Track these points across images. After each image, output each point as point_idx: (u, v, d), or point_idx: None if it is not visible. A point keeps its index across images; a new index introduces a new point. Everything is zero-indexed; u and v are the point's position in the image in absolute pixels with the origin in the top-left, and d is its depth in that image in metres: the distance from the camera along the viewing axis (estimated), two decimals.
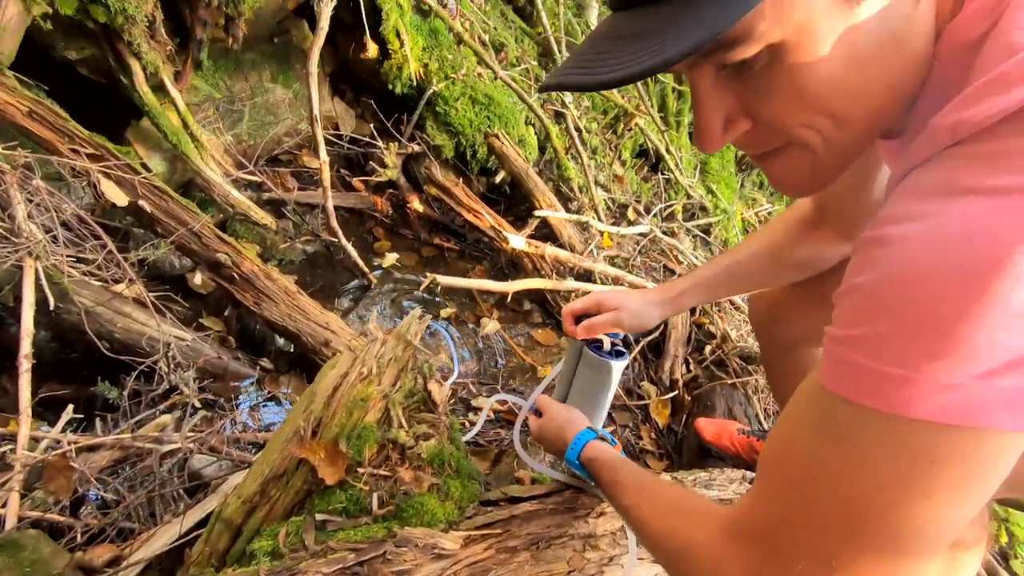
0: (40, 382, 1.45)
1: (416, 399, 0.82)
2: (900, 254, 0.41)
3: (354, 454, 0.71)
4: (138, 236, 1.71)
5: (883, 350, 0.40)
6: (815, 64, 0.43)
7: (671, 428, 1.89)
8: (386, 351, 0.85)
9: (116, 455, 1.16)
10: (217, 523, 0.77)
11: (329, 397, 0.79)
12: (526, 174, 2.31)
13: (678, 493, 0.71)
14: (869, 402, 0.41)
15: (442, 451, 0.78)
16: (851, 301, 0.44)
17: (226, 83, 2.05)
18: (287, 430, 0.79)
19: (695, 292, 1.00)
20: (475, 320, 2.07)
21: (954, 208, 0.39)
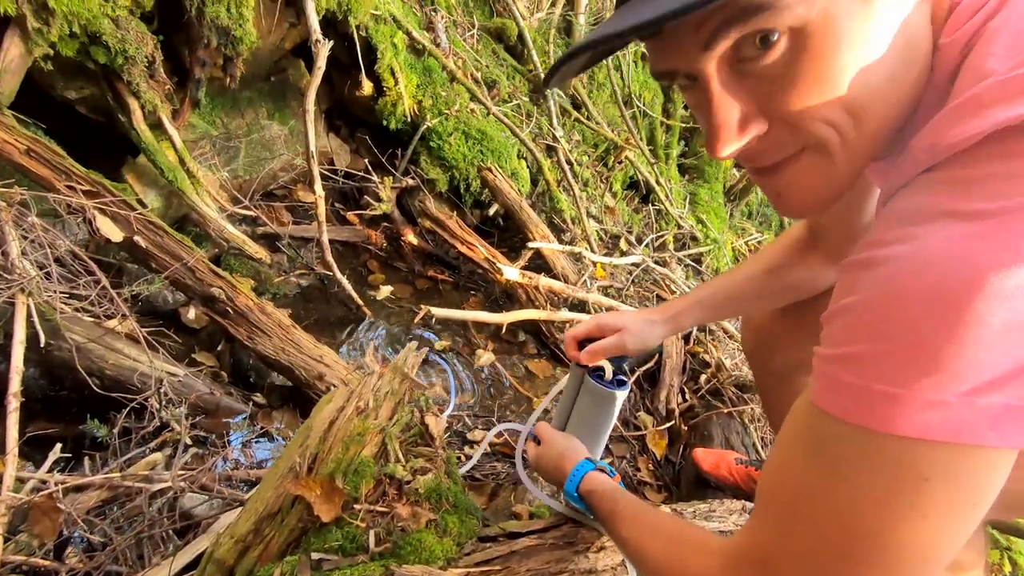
0: (28, 420, 1.42)
1: (413, 433, 0.81)
2: (885, 275, 0.42)
3: (350, 490, 0.70)
4: (132, 271, 1.71)
5: (870, 368, 0.41)
6: (837, 53, 0.43)
7: (668, 459, 1.87)
8: (383, 384, 0.85)
9: (104, 495, 1.13)
10: (209, 564, 0.75)
11: (325, 432, 0.78)
12: (519, 206, 2.34)
13: (677, 524, 0.71)
14: (858, 420, 0.42)
15: (439, 486, 0.77)
16: (839, 321, 0.45)
17: (223, 120, 2.08)
18: (282, 466, 0.78)
19: (694, 311, 1.01)
20: (470, 351, 2.07)
21: (934, 231, 0.40)
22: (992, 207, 0.38)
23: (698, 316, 1.01)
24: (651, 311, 1.01)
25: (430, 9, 2.55)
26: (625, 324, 0.97)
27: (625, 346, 0.96)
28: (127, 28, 1.54)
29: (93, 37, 1.51)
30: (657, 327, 0.99)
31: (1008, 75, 0.39)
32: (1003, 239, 0.37)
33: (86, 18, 1.46)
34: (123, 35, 1.54)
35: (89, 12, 1.46)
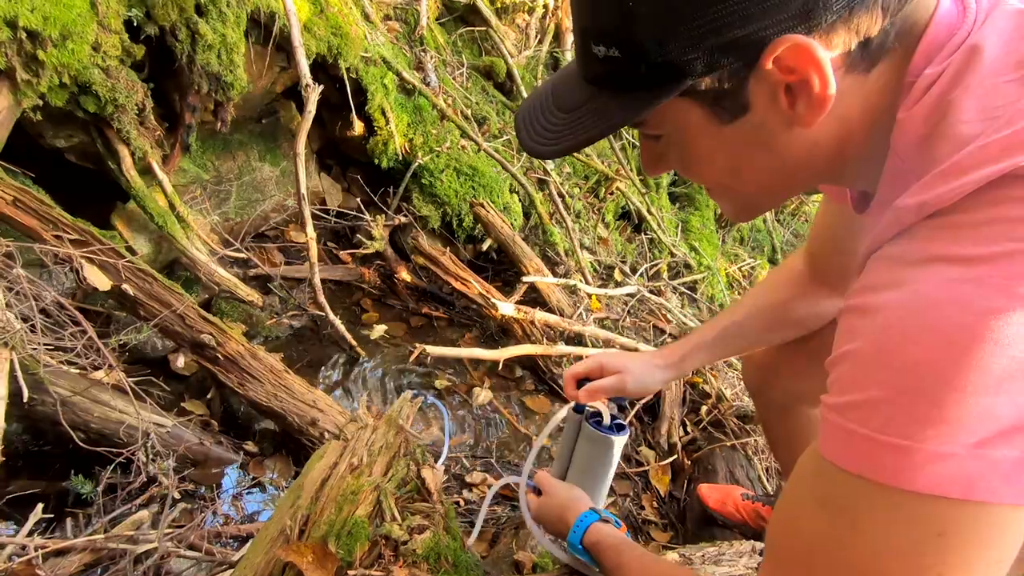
0: (10, 478, 1.37)
1: (409, 488, 0.78)
2: (882, 321, 0.42)
3: (344, 554, 0.67)
4: (120, 319, 1.68)
5: (874, 418, 0.41)
6: (692, 153, 0.54)
7: (672, 495, 1.82)
8: (376, 438, 0.81)
9: (87, 559, 1.08)
10: None
11: (317, 491, 0.74)
12: (512, 241, 2.33)
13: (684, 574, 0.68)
14: (868, 473, 0.41)
15: (438, 544, 0.74)
16: (841, 369, 0.45)
17: (214, 163, 2.08)
18: (272, 529, 0.74)
19: (697, 354, 0.99)
20: (467, 390, 2.03)
21: (927, 275, 0.41)
22: (984, 252, 0.38)
23: (702, 359, 1.00)
24: (654, 354, 0.99)
25: (420, 50, 2.59)
26: (626, 366, 0.95)
27: (625, 387, 0.94)
28: (117, 77, 1.55)
29: (83, 87, 1.51)
30: (659, 371, 0.97)
31: (987, 140, 0.40)
32: (997, 284, 0.37)
33: (76, 69, 1.46)
34: (113, 84, 1.54)
35: (79, 63, 1.47)
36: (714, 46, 0.44)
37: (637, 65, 0.47)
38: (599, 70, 0.50)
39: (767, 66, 0.44)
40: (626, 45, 0.46)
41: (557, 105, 0.54)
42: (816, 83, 0.44)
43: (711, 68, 0.45)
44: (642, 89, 0.48)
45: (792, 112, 0.47)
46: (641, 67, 0.47)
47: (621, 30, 0.46)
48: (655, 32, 0.45)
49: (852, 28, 0.43)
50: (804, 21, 0.42)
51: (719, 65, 0.45)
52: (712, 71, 0.45)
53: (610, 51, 0.47)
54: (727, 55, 0.44)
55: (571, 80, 0.54)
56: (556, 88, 0.56)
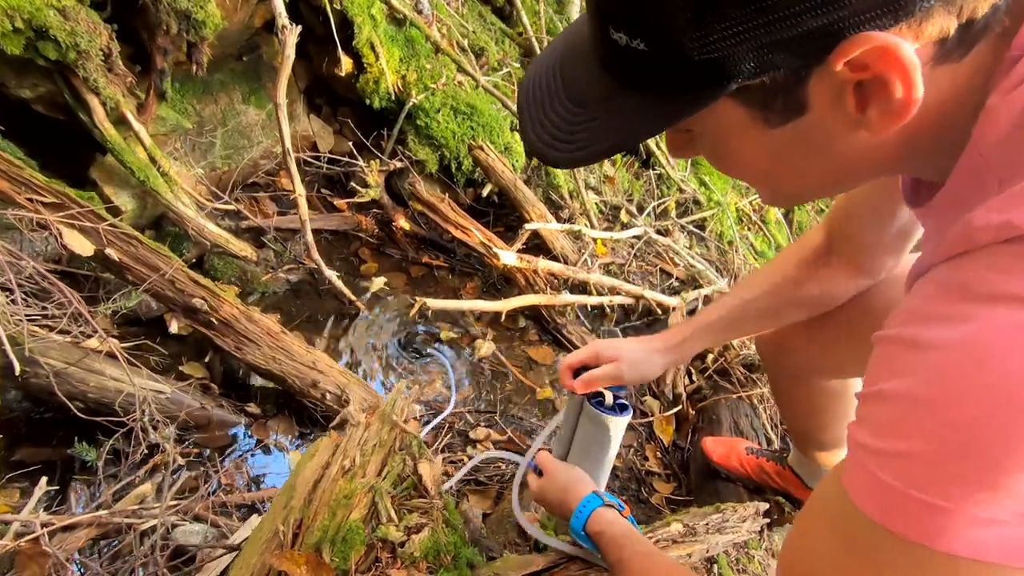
0: (13, 444, 1.38)
1: (406, 485, 0.75)
2: (935, 365, 0.37)
3: (339, 562, 0.65)
4: (109, 281, 1.63)
5: (915, 473, 0.36)
6: (729, 154, 0.48)
7: (676, 445, 1.83)
8: (369, 436, 0.78)
9: (94, 532, 1.09)
10: None
11: (310, 492, 0.72)
12: (514, 186, 2.23)
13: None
14: (899, 529, 0.37)
15: (437, 541, 0.72)
16: (880, 409, 0.40)
17: (195, 108, 1.95)
18: (266, 529, 0.72)
19: (699, 337, 0.95)
20: (469, 341, 2.01)
21: (995, 316, 0.34)
22: None
23: (705, 341, 0.95)
24: (653, 339, 0.94)
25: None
26: (622, 354, 0.90)
27: (621, 376, 0.90)
28: (76, 19, 1.41)
29: (39, 31, 1.38)
30: (657, 357, 0.92)
31: None
32: None
33: (28, 11, 1.33)
34: (72, 27, 1.40)
35: (31, 4, 1.33)
36: (772, 43, 0.35)
37: (669, 62, 0.37)
38: (618, 59, 0.40)
39: (836, 67, 0.35)
40: (657, 37, 0.37)
41: (568, 93, 0.45)
42: (898, 89, 0.35)
43: (764, 68, 0.36)
44: (673, 88, 0.39)
45: (860, 116, 0.38)
46: (674, 65, 0.37)
47: (651, 18, 0.36)
48: (698, 24, 0.35)
49: (954, 10, 0.34)
50: (892, 9, 0.33)
51: (775, 65, 0.36)
52: (765, 71, 0.36)
53: (634, 41, 0.38)
54: (787, 53, 0.35)
55: (583, 59, 0.44)
56: (566, 66, 0.46)
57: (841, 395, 1.13)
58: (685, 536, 1.03)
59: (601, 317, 2.25)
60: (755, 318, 0.94)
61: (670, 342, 0.94)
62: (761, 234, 3.44)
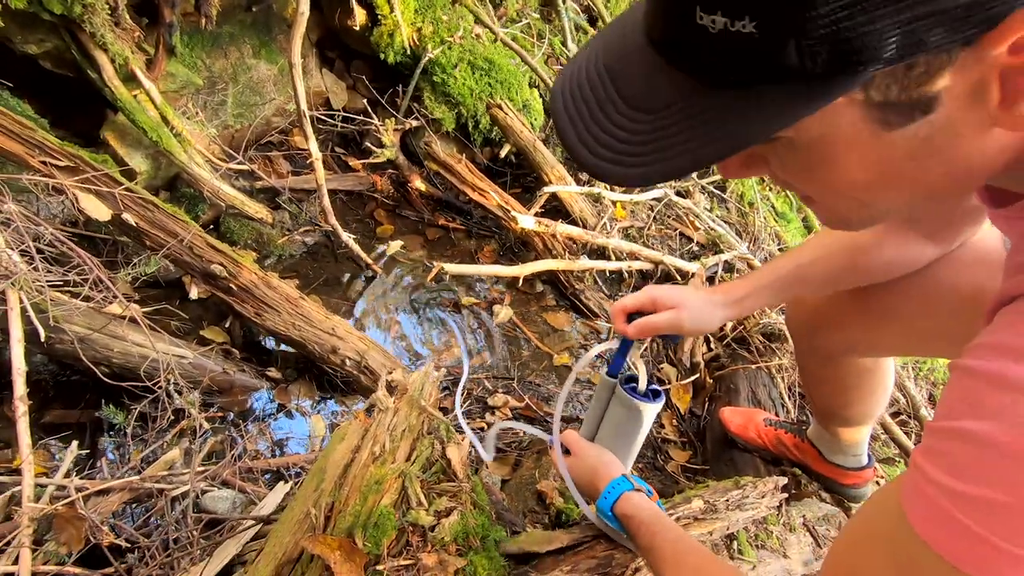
0: (42, 406, 1.41)
1: (435, 469, 0.75)
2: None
3: (371, 547, 0.66)
4: (127, 245, 1.62)
5: (997, 521, 0.35)
6: (827, 166, 0.39)
7: (693, 412, 1.84)
8: (398, 421, 0.78)
9: (126, 496, 1.12)
10: None
11: (340, 476, 0.72)
12: (533, 146, 2.16)
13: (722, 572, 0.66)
14: (972, 571, 0.36)
15: (466, 525, 0.73)
16: (963, 449, 0.38)
17: (204, 63, 1.89)
18: (298, 510, 0.73)
19: (762, 295, 0.90)
20: (487, 306, 2.00)
21: None
22: None
23: (766, 300, 0.91)
24: (714, 290, 0.89)
25: None
26: (683, 301, 0.85)
27: (681, 326, 0.85)
28: None
29: None
30: (719, 310, 0.87)
31: None
32: None
33: None
34: None
35: None
36: (929, 14, 0.28)
37: (784, 47, 0.30)
38: (705, 51, 0.33)
39: (994, 50, 0.30)
40: (772, 15, 0.30)
41: (624, 97, 0.38)
42: None
43: (909, 51, 0.30)
44: (786, 82, 0.32)
45: (1002, 112, 0.33)
46: (792, 51, 0.31)
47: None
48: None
49: None
50: None
51: (924, 45, 0.30)
52: (909, 55, 0.30)
53: (737, 24, 0.30)
54: (943, 29, 0.29)
55: (641, 56, 0.37)
56: (615, 67, 0.39)
57: (872, 372, 1.11)
58: (706, 513, 1.03)
59: (619, 282, 2.22)
60: (817, 278, 0.89)
61: (732, 296, 0.89)
62: (783, 195, 3.35)
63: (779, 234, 2.88)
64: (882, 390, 1.15)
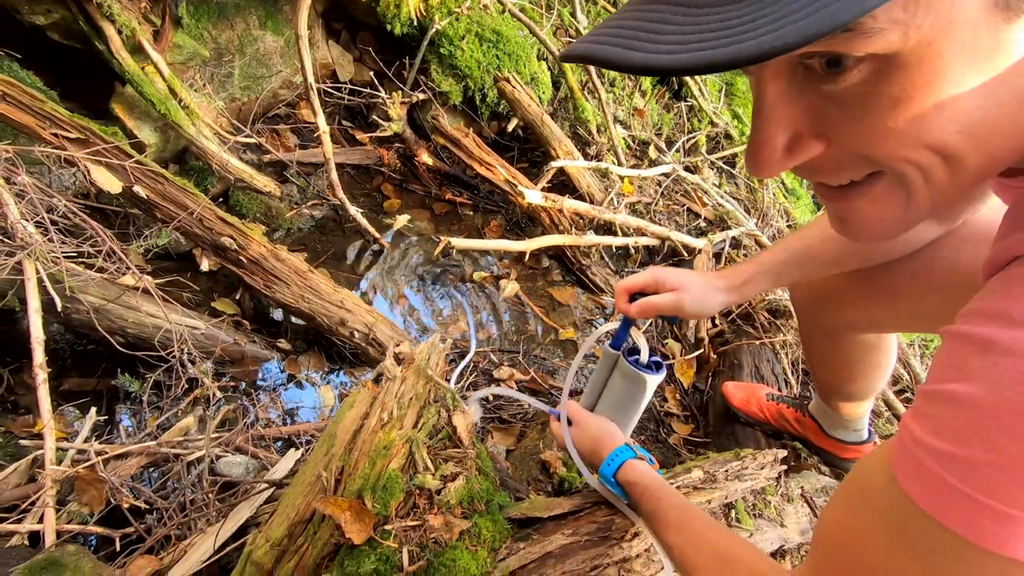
0: (60, 374, 1.44)
1: (441, 436, 0.78)
2: (1012, 372, 0.35)
3: (380, 508, 0.69)
4: (139, 217, 1.64)
5: (981, 478, 0.36)
6: (932, 92, 0.33)
7: (696, 387, 1.86)
8: (406, 389, 0.80)
9: (143, 461, 1.16)
10: (248, 566, 0.76)
11: (350, 441, 0.75)
12: (540, 121, 2.15)
13: (724, 538, 0.68)
14: (963, 531, 0.37)
15: (471, 490, 0.75)
16: (948, 410, 0.39)
17: (211, 35, 1.88)
18: (309, 474, 0.76)
19: (763, 279, 0.92)
20: (493, 280, 2.01)
21: None
22: None
23: (766, 284, 0.92)
24: (714, 275, 0.91)
25: None
26: (685, 283, 0.87)
27: (683, 308, 0.87)
28: None
29: None
30: (719, 294, 0.89)
31: None
32: None
33: None
34: None
35: None
36: None
37: None
38: None
39: None
40: None
41: None
42: None
43: None
44: None
45: None
46: None
47: None
48: None
49: None
50: None
51: None
52: None
53: None
54: None
55: None
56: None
57: (875, 348, 1.12)
58: (705, 482, 1.06)
59: (626, 258, 2.22)
60: (820, 262, 0.90)
61: (733, 282, 0.91)
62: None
63: (788, 211, 2.86)
64: (885, 366, 1.17)
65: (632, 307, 0.88)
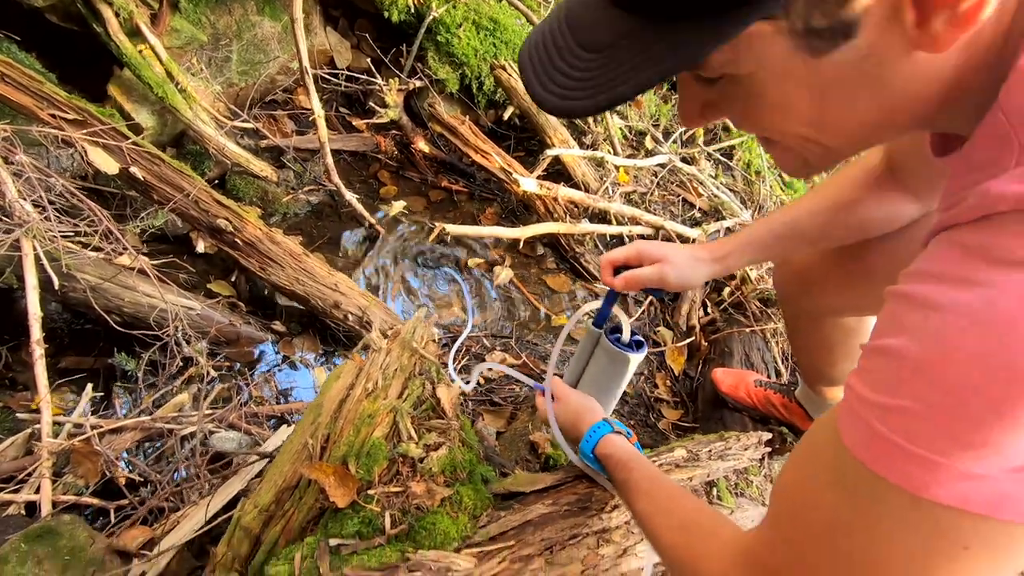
0: (57, 352, 1.47)
1: (425, 407, 0.80)
2: (939, 326, 0.38)
3: (364, 474, 0.71)
4: (136, 199, 1.66)
5: (911, 428, 0.38)
6: (768, 99, 0.43)
7: (687, 374, 1.88)
8: (391, 361, 0.82)
9: (138, 435, 1.18)
10: (237, 530, 0.78)
11: (336, 411, 0.77)
12: (536, 109, 2.16)
13: (689, 505, 0.70)
14: (892, 476, 0.40)
15: (453, 459, 0.77)
16: (882, 364, 0.42)
17: (209, 19, 1.89)
18: (296, 442, 0.78)
19: (746, 251, 0.93)
20: (487, 267, 2.03)
21: (1008, 283, 0.35)
22: None
23: (750, 258, 0.93)
24: (698, 247, 0.92)
25: None
26: (668, 256, 0.88)
27: (666, 279, 0.88)
28: None
29: None
30: (703, 266, 0.90)
31: None
32: None
33: None
34: None
35: None
36: None
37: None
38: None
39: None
40: None
41: (579, 42, 0.42)
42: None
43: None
44: (706, 14, 0.36)
45: (920, 32, 0.35)
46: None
47: None
48: None
49: None
50: None
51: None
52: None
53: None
54: None
55: (591, 6, 0.42)
56: (573, 17, 0.43)
57: (855, 332, 1.14)
58: (688, 461, 1.08)
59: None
60: (805, 237, 0.92)
61: (716, 253, 0.92)
62: None
63: (785, 203, 2.87)
64: None
65: (616, 280, 0.90)
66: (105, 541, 1.01)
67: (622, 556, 0.85)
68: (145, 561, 0.97)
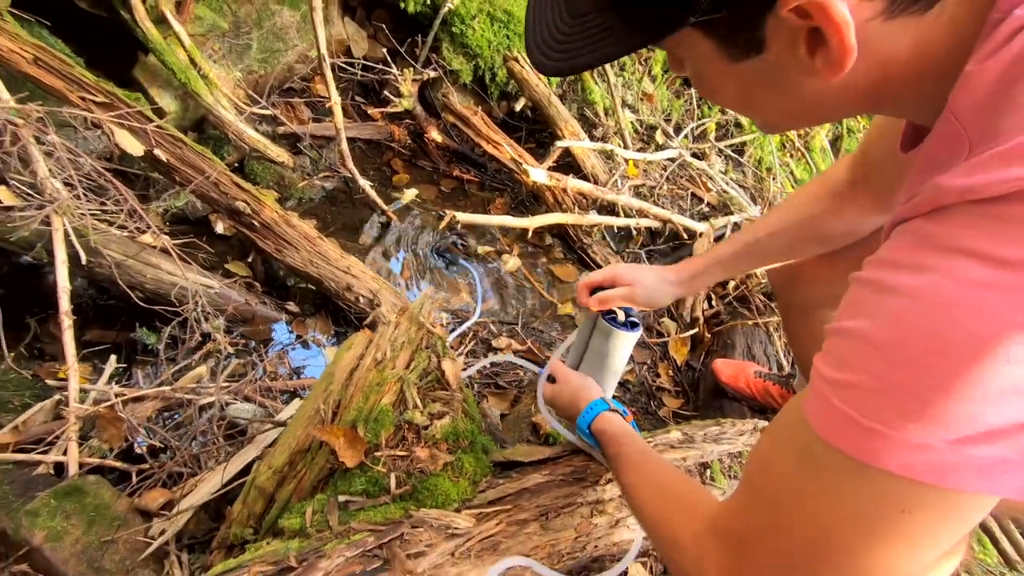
0: (83, 326, 1.53)
1: (430, 379, 0.84)
2: (892, 309, 0.41)
3: (371, 438, 0.75)
4: (158, 181, 1.72)
5: (861, 401, 0.42)
6: (704, 80, 0.50)
7: (689, 364, 1.92)
8: (399, 334, 0.87)
9: (159, 404, 1.24)
10: (252, 489, 0.83)
11: (346, 379, 0.82)
12: (547, 101, 2.19)
13: (673, 479, 0.74)
14: (845, 447, 0.43)
15: (456, 428, 0.82)
16: (842, 343, 0.45)
17: (230, 7, 1.94)
18: (309, 408, 0.83)
19: (713, 271, 1.00)
20: (496, 255, 2.07)
21: (951, 268, 0.38)
22: (1021, 257, 0.35)
23: (717, 276, 1.01)
24: (669, 269, 1.00)
25: None
26: (638, 278, 0.97)
27: (634, 300, 0.97)
28: None
29: None
30: (670, 287, 0.99)
31: None
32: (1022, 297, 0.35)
33: None
34: None
35: None
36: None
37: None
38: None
39: (783, 13, 0.38)
40: None
41: (567, 5, 0.47)
42: (834, 41, 0.38)
43: (720, 6, 0.40)
44: (643, 14, 0.43)
45: (811, 62, 0.41)
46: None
47: None
48: None
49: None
50: None
51: (729, 3, 0.40)
52: (721, 8, 0.40)
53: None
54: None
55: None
56: None
57: None
58: (683, 442, 1.12)
59: (627, 239, 2.27)
60: (770, 254, 0.98)
61: (682, 275, 0.99)
62: (804, 161, 3.32)
63: None
64: None
65: (591, 300, 0.98)
66: (128, 501, 1.07)
67: (615, 527, 0.89)
68: (164, 520, 1.03)
